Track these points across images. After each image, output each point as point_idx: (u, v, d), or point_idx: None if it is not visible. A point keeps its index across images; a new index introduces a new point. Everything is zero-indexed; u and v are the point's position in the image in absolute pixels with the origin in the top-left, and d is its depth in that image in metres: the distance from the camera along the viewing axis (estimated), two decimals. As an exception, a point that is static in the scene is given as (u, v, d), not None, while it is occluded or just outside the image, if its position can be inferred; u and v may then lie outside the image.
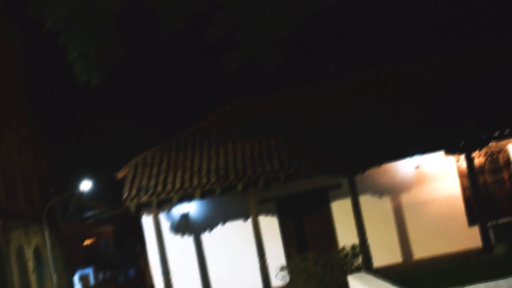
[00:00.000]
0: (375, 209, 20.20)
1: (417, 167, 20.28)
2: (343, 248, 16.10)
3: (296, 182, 19.27)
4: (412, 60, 24.60)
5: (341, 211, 20.11)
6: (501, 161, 20.35)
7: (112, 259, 48.43)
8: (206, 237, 20.52)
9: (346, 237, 19.50)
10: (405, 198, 20.38)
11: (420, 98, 20.83)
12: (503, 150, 20.34)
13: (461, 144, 18.48)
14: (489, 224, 18.24)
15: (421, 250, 20.07)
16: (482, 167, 20.17)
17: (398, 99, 21.25)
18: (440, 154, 19.41)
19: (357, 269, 14.78)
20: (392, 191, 20.43)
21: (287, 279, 15.85)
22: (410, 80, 22.60)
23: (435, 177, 20.34)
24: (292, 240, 20.40)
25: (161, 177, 19.26)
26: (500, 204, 20.13)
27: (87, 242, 47.19)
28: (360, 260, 15.89)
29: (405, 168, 20.39)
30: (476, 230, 19.47)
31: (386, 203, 20.39)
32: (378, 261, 19.07)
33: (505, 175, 20.32)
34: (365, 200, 19.76)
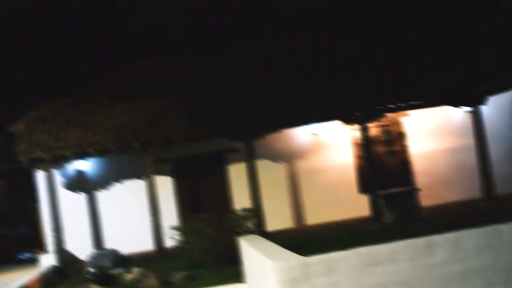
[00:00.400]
0: (271, 174, 20.49)
1: (314, 135, 20.67)
2: (237, 211, 16.30)
3: (194, 144, 19.32)
4: (323, 30, 24.81)
5: (238, 175, 20.30)
6: (394, 133, 20.99)
7: (3, 214, 47.27)
8: (101, 195, 20.32)
9: (241, 200, 19.72)
10: (301, 165, 20.77)
11: (321, 69, 21.13)
12: (397, 123, 20.98)
13: (356, 115, 18.95)
14: (379, 194, 18.82)
15: (314, 216, 20.56)
16: (376, 138, 20.74)
17: (300, 68, 21.48)
18: (337, 123, 19.83)
19: (250, 232, 14.99)
20: (289, 157, 20.77)
21: (180, 239, 15.92)
22: (314, 51, 22.84)
23: (331, 146, 20.82)
24: (187, 201, 20.47)
25: (56, 133, 18.86)
26: (391, 174, 20.81)
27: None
28: (253, 223, 16.11)
29: (302, 135, 20.75)
30: (367, 199, 20.09)
31: (282, 169, 20.72)
32: (271, 225, 19.41)
33: (398, 147, 20.98)
34: (262, 165, 20.01)
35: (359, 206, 20.42)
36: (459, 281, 7.22)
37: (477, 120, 20.10)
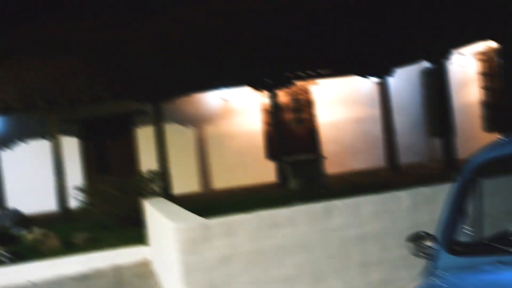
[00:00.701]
0: (179, 138, 20.42)
1: (224, 100, 20.66)
2: (143, 173, 16.18)
3: (102, 105, 19.01)
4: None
5: (145, 138, 20.14)
6: (303, 101, 21.20)
7: None
8: (4, 154, 19.79)
9: (149, 163, 19.57)
10: (210, 130, 20.78)
11: (231, 33, 21.04)
12: (305, 91, 21.19)
13: (266, 81, 19.04)
14: (286, 160, 19.03)
15: (221, 181, 20.65)
16: (285, 105, 20.91)
17: (214, 33, 21.32)
18: (246, 89, 19.87)
19: (155, 195, 14.92)
20: (198, 122, 20.73)
21: (84, 201, 15.70)
22: (231, 16, 22.70)
23: (240, 112, 20.89)
24: (93, 163, 20.18)
25: (-42, 88, 18.20)
26: (299, 141, 21.06)
27: None
28: (159, 186, 16.04)
29: (212, 100, 20.72)
30: (274, 165, 20.29)
31: (191, 134, 20.67)
32: (178, 188, 19.38)
33: (306, 115, 21.23)
34: (170, 129, 19.90)
35: (266, 172, 20.62)
36: (356, 244, 7.38)
37: (384, 91, 20.53)
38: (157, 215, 9.09)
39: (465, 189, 4.09)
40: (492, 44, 17.58)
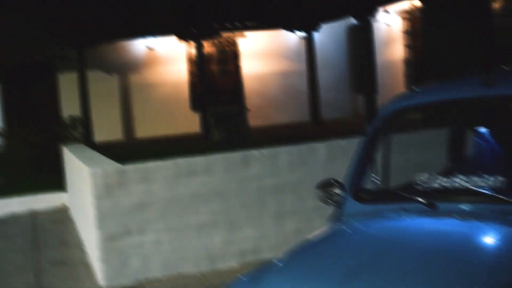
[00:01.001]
0: (103, 86, 20.12)
1: (149, 49, 20.41)
2: (64, 119, 15.92)
3: (23, 51, 18.48)
4: None
5: (68, 84, 19.72)
6: (229, 53, 21.13)
7: None
8: None
9: (72, 110, 19.22)
10: (135, 78, 20.53)
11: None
12: (232, 43, 21.11)
13: (192, 31, 18.86)
14: (210, 111, 19.01)
15: (144, 130, 20.50)
16: (211, 56, 20.80)
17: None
18: (173, 38, 19.67)
19: (76, 141, 14.73)
20: (123, 70, 20.45)
21: (2, 145, 15.38)
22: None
23: (166, 61, 20.69)
24: (14, 109, 19.68)
25: None
26: (223, 93, 21.04)
27: None
28: (80, 132, 15.82)
29: (138, 48, 20.43)
30: (197, 116, 20.26)
31: (115, 81, 20.39)
32: (100, 136, 19.17)
33: (231, 66, 21.19)
34: (94, 76, 19.57)
35: (190, 123, 20.58)
36: (272, 194, 7.47)
37: (310, 46, 20.64)
38: (75, 161, 9.00)
39: (374, 139, 4.18)
40: (416, 2, 17.84)
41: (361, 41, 18.78)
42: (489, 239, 3.34)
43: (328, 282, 3.11)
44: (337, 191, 4.14)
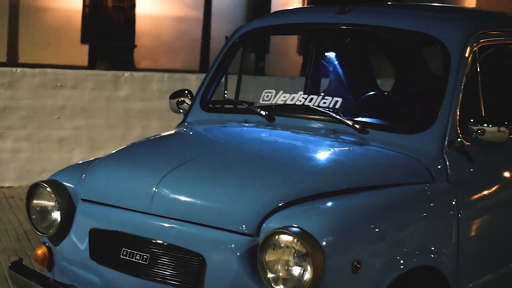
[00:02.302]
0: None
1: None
2: None
3: None
4: None
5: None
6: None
7: None
8: None
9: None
10: (25, 1, 19.84)
11: None
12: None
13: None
14: (99, 44, 18.67)
15: (29, 56, 19.88)
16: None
17: None
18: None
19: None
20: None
21: None
22: None
23: (61, -12, 20.11)
24: None
25: None
26: (115, 29, 20.64)
27: None
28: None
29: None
30: (86, 48, 19.84)
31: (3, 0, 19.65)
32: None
33: (126, 3, 20.84)
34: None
35: (79, 56, 20.11)
36: (139, 118, 7.50)
37: (208, -6, 20.51)
38: None
39: (229, 54, 4.29)
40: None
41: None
42: (312, 150, 3.54)
43: (156, 168, 3.21)
44: (187, 100, 4.24)
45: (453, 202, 3.37)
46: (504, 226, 3.81)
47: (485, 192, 3.66)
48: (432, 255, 3.21)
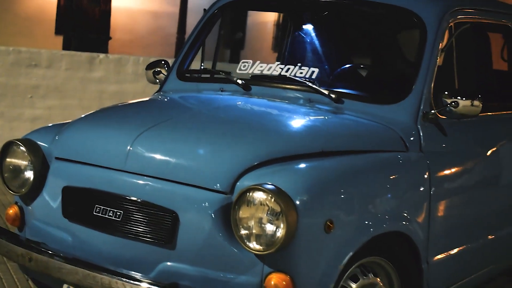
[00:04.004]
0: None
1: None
2: None
3: None
4: None
5: None
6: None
7: None
8: None
9: None
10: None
11: None
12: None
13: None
14: (73, 36, 18.52)
15: (2, 44, 19.68)
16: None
17: None
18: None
19: None
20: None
21: None
22: None
23: (37, -22, 19.96)
24: None
25: None
26: (89, 21, 20.50)
27: None
28: None
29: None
30: (60, 39, 19.67)
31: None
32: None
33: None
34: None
35: (52, 46, 19.95)
36: (113, 100, 7.45)
37: (185, -11, 20.50)
38: None
39: (207, 25, 4.29)
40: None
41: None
42: (287, 115, 3.57)
43: (132, 127, 3.22)
44: (163, 71, 4.24)
45: (426, 172, 3.41)
46: (475, 201, 3.86)
47: (458, 166, 3.72)
48: (404, 222, 3.24)
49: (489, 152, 3.98)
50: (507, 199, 4.15)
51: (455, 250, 3.72)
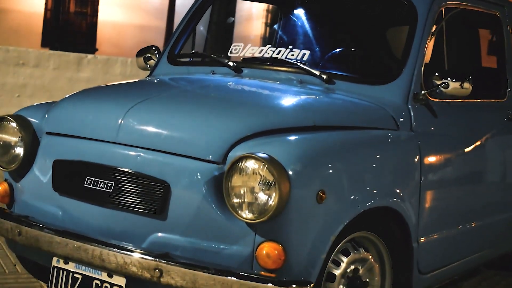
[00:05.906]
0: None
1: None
2: None
3: None
4: None
5: None
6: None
7: None
8: None
9: None
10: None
11: None
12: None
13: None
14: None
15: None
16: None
17: None
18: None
19: None
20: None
21: None
22: None
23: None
24: None
25: None
26: (76, 35, 20.54)
27: None
28: None
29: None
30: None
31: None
32: None
33: (90, 10, 20.77)
34: None
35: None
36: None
37: (171, 4, 20.59)
38: None
39: (198, 11, 4.31)
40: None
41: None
42: (279, 94, 3.58)
43: (123, 101, 3.21)
44: (154, 57, 4.25)
45: (416, 151, 3.43)
46: (464, 183, 3.88)
47: (448, 147, 3.75)
48: (394, 199, 3.25)
49: (478, 136, 4.01)
50: (493, 185, 4.18)
51: (444, 233, 3.73)
